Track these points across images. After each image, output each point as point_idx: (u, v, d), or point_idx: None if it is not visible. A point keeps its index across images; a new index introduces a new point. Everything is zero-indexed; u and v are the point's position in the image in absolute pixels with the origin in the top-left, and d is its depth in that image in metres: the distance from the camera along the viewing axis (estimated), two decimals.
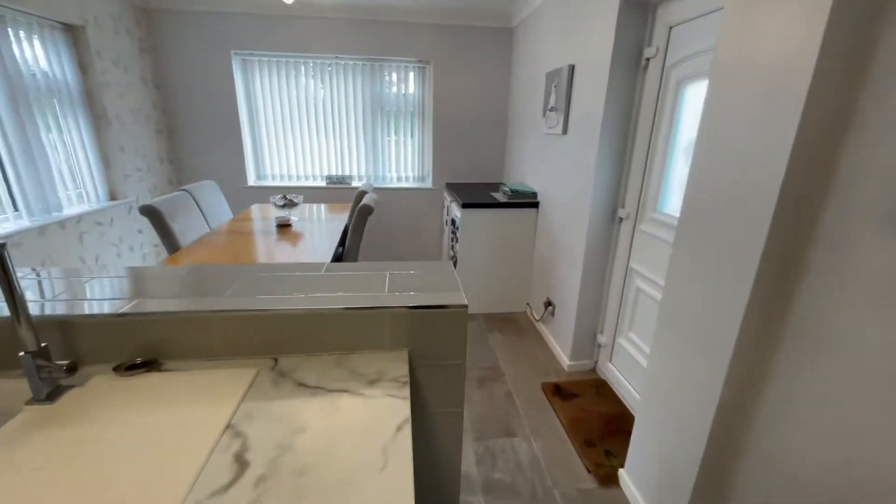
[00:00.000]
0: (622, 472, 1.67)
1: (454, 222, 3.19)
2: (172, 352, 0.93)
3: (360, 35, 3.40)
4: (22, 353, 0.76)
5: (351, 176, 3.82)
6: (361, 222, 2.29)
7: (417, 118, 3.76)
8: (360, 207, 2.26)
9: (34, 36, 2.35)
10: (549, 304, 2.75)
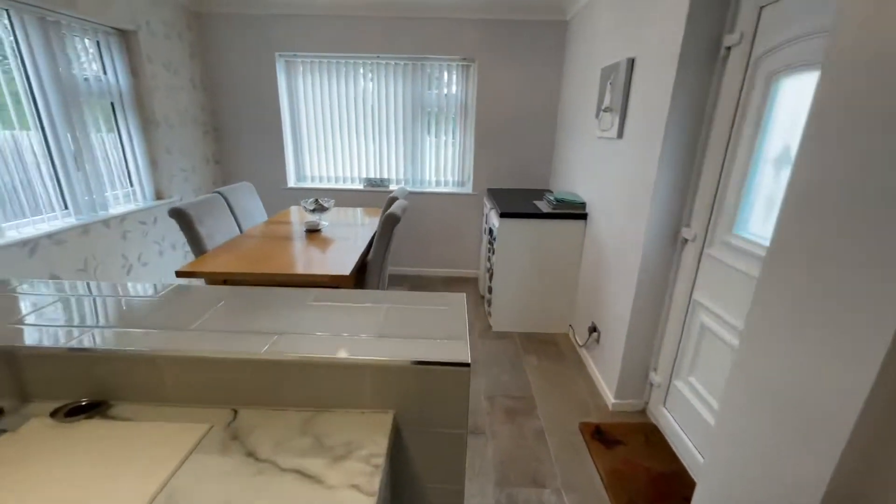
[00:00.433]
0: None
1: (491, 232, 2.96)
2: (124, 393, 0.80)
3: (403, 33, 3.27)
4: None
5: (389, 179, 3.71)
6: (387, 232, 2.14)
7: (459, 120, 3.56)
8: (387, 216, 2.11)
9: (88, 41, 2.44)
10: (594, 329, 2.44)
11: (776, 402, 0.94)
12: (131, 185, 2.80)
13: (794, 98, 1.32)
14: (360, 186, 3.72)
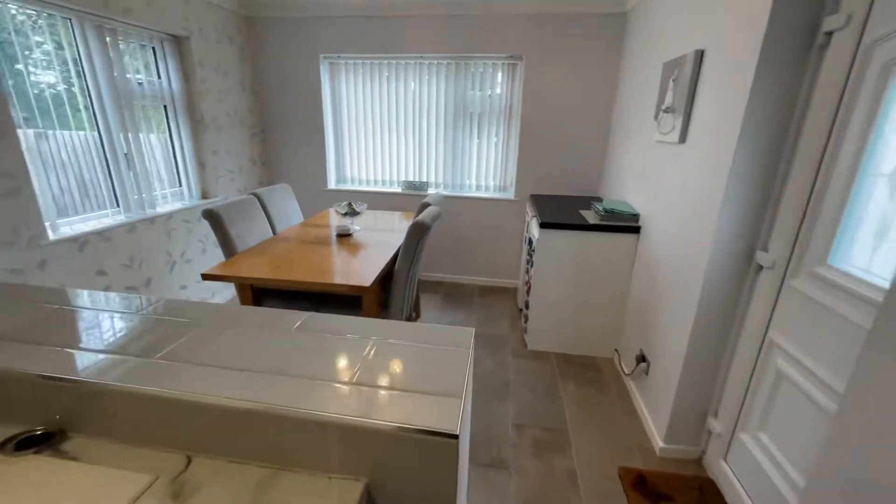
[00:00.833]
0: None
1: (531, 242, 2.74)
2: (80, 425, 0.72)
3: (447, 32, 3.14)
4: None
5: (428, 182, 3.60)
6: (414, 241, 2.01)
7: (503, 121, 3.37)
8: (414, 224, 1.98)
9: (143, 46, 2.56)
10: (642, 358, 2.15)
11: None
12: (180, 185, 2.92)
13: None
14: (399, 189, 3.64)
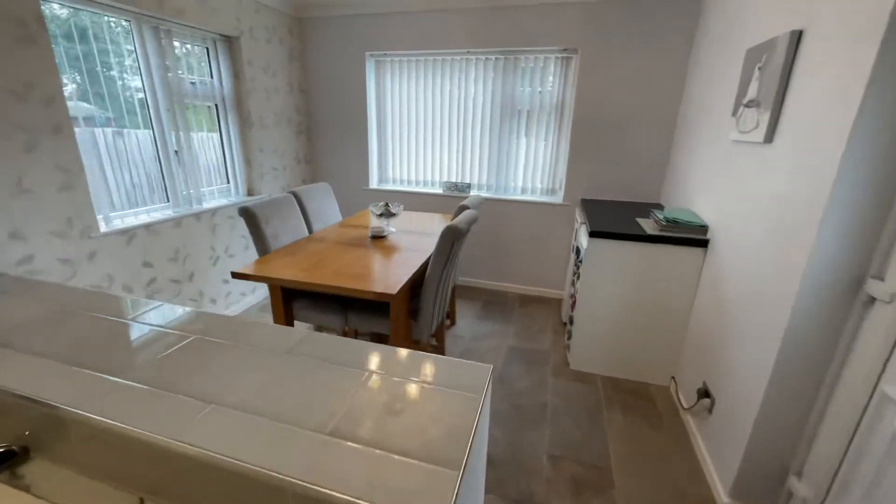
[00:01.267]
0: None
1: (579, 252, 2.50)
2: (45, 448, 0.66)
3: (496, 25, 2.97)
4: None
5: (470, 184, 3.44)
6: (447, 246, 1.87)
7: (553, 119, 3.13)
8: (447, 229, 1.84)
9: (197, 47, 2.63)
10: (706, 393, 1.85)
11: None
12: (227, 182, 2.99)
13: None
14: (440, 191, 3.52)
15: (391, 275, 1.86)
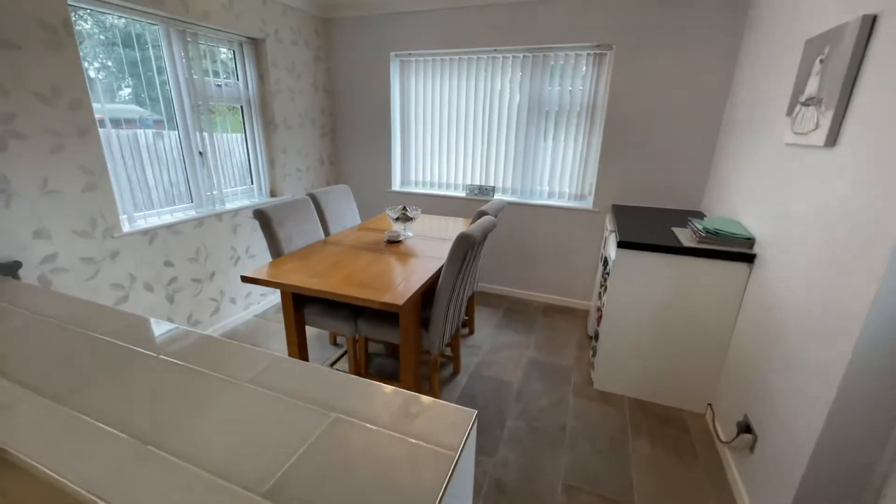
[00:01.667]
0: None
1: (607, 262, 2.32)
2: None
3: (524, 21, 2.83)
4: None
5: (494, 187, 3.31)
6: (459, 255, 1.76)
7: (584, 120, 2.95)
8: (459, 237, 1.73)
9: (223, 49, 2.66)
10: (747, 428, 1.64)
11: None
12: (251, 183, 3.02)
13: None
14: (463, 194, 3.41)
15: (401, 283, 1.77)
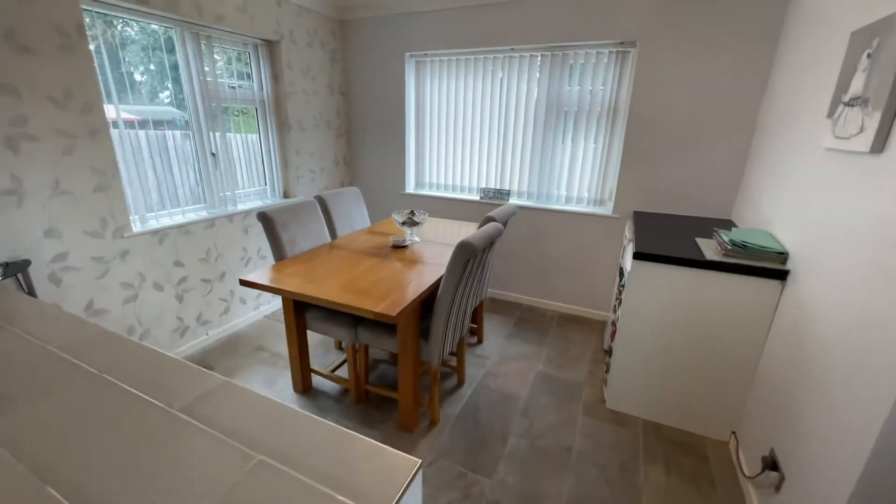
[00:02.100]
0: None
1: (622, 273, 2.17)
2: None
3: (543, 18, 2.71)
4: None
5: (509, 191, 3.20)
6: (459, 265, 1.67)
7: (605, 122, 2.80)
8: (459, 246, 1.64)
9: (237, 51, 2.68)
10: (772, 464, 1.48)
11: None
12: (265, 184, 3.04)
13: None
14: (477, 197, 3.32)
15: (398, 292, 1.70)
